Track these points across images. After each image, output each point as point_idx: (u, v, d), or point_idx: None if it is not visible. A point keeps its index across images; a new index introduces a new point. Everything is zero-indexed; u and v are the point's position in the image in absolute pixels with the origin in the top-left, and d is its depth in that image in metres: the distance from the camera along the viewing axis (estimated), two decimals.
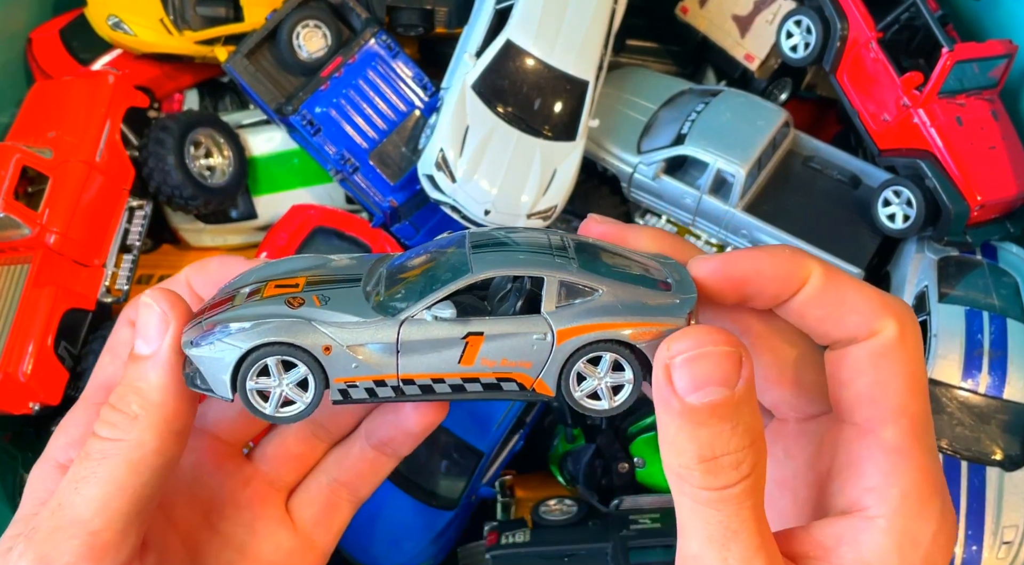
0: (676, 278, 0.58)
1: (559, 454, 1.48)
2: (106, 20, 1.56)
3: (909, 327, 0.55)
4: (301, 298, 0.57)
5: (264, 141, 1.65)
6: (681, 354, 0.51)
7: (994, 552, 1.22)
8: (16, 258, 1.41)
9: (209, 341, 0.56)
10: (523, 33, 1.42)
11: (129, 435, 0.56)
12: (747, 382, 0.51)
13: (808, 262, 0.56)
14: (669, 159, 1.52)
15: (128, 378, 0.58)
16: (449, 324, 0.55)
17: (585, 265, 0.56)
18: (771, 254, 0.56)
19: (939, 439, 1.29)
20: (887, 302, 0.55)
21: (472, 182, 1.40)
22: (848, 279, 0.56)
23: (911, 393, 0.54)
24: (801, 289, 0.55)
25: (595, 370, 0.56)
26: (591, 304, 0.55)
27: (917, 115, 1.41)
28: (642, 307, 0.55)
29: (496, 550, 1.34)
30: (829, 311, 0.55)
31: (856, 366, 0.55)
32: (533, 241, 0.58)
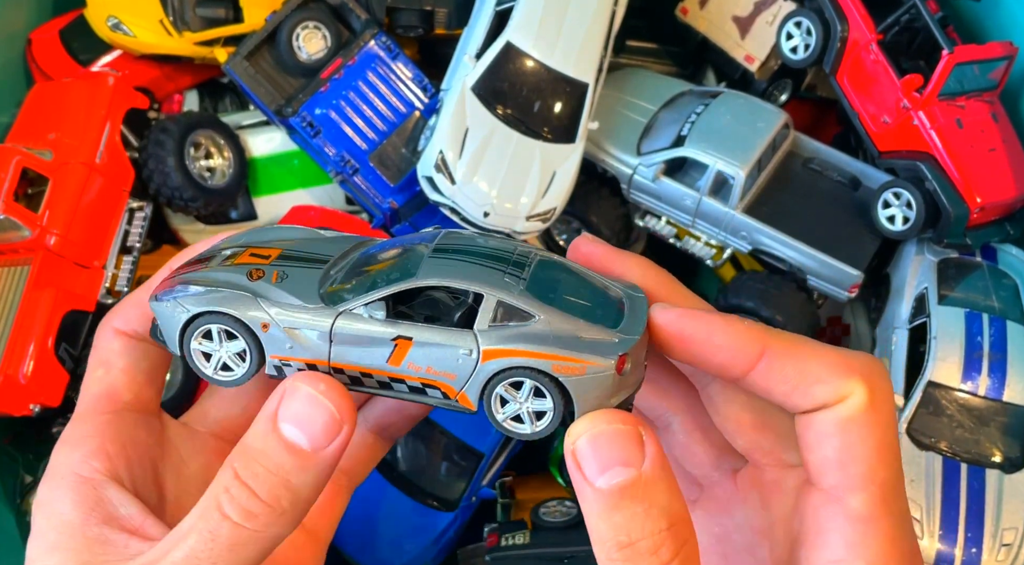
0: (633, 315, 0.56)
1: (559, 455, 1.48)
2: (106, 21, 1.56)
3: (878, 390, 0.53)
4: (262, 271, 0.60)
5: (264, 142, 1.65)
6: (581, 437, 0.50)
7: (993, 554, 1.22)
8: (16, 260, 1.41)
9: (169, 298, 0.59)
10: (523, 35, 1.41)
11: (270, 529, 0.53)
12: (654, 461, 0.50)
13: (762, 337, 0.54)
14: (669, 161, 1.52)
15: (275, 465, 0.53)
16: (382, 324, 0.56)
17: (533, 287, 0.55)
18: (726, 324, 0.54)
19: (939, 441, 1.30)
20: (852, 365, 0.53)
21: (471, 184, 1.40)
22: (808, 348, 0.54)
23: (880, 459, 0.53)
24: (756, 365, 0.54)
25: (517, 394, 0.56)
26: (523, 329, 0.54)
27: (917, 117, 1.41)
28: (574, 340, 0.54)
29: (496, 552, 1.34)
30: (793, 385, 0.53)
31: (823, 431, 0.53)
32: (495, 254, 0.57)
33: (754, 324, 0.55)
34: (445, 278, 0.55)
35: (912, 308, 1.43)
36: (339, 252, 0.62)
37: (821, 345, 0.55)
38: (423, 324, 0.56)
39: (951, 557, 1.22)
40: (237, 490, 0.53)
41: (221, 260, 0.62)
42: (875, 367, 0.54)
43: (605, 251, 0.61)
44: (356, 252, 0.62)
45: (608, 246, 0.62)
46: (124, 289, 1.48)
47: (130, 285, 1.49)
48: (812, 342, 0.55)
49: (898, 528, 0.53)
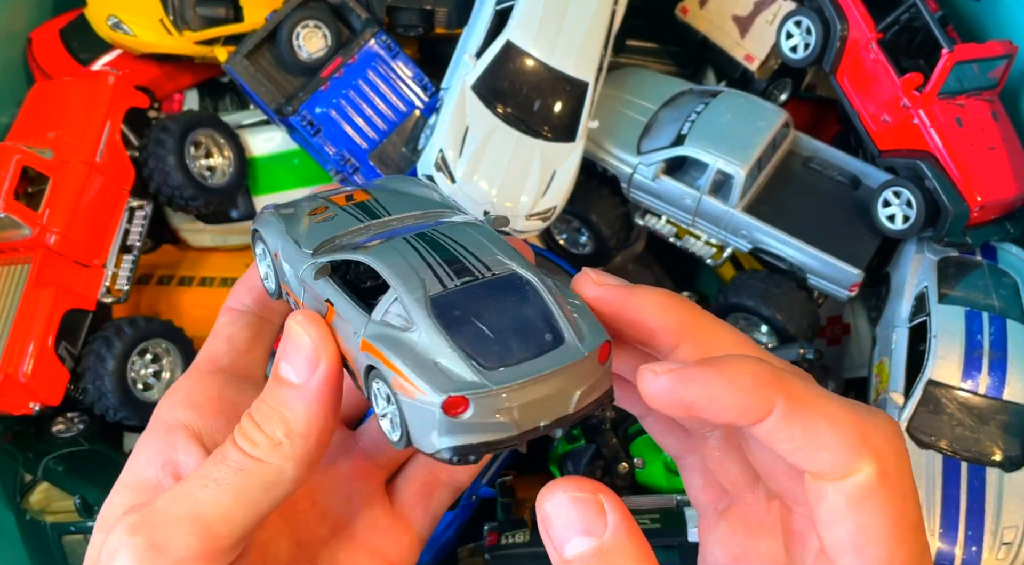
0: (538, 364, 0.51)
1: (559, 454, 1.48)
2: (106, 20, 1.56)
3: (892, 463, 0.49)
4: (324, 208, 0.65)
5: (264, 141, 1.65)
6: (544, 504, 0.49)
7: (994, 553, 1.22)
8: (16, 258, 1.41)
9: (262, 212, 0.67)
10: (523, 34, 1.42)
11: (271, 459, 0.57)
12: (616, 529, 0.48)
13: (772, 391, 0.50)
14: (669, 160, 1.52)
15: (272, 400, 0.58)
16: (322, 282, 0.58)
17: (446, 299, 0.52)
18: (731, 380, 0.50)
19: (939, 439, 1.30)
20: (865, 435, 0.49)
21: (471, 183, 1.40)
22: (820, 408, 0.50)
23: (899, 539, 0.49)
24: (763, 420, 0.50)
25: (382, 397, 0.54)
26: (397, 333, 0.52)
27: (917, 116, 1.41)
28: (426, 363, 0.50)
29: (496, 550, 1.34)
30: (798, 445, 0.50)
31: (835, 510, 0.50)
32: (456, 253, 0.55)
33: (762, 370, 0.50)
34: (373, 259, 0.56)
35: (912, 307, 1.43)
36: (407, 213, 0.64)
37: (836, 403, 0.50)
38: (344, 295, 0.57)
39: (951, 556, 1.22)
40: (246, 423, 0.58)
41: (334, 195, 0.67)
42: (890, 438, 0.50)
43: (615, 294, 0.57)
44: (404, 218, 0.64)
45: (617, 286, 0.57)
46: (124, 288, 1.48)
47: (130, 284, 1.49)
48: (827, 399, 0.51)
49: None
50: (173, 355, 1.47)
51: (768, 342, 1.57)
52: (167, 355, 1.47)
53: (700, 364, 0.51)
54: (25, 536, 1.40)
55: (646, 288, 0.57)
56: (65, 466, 1.37)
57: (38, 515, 1.36)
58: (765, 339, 1.57)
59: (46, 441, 1.44)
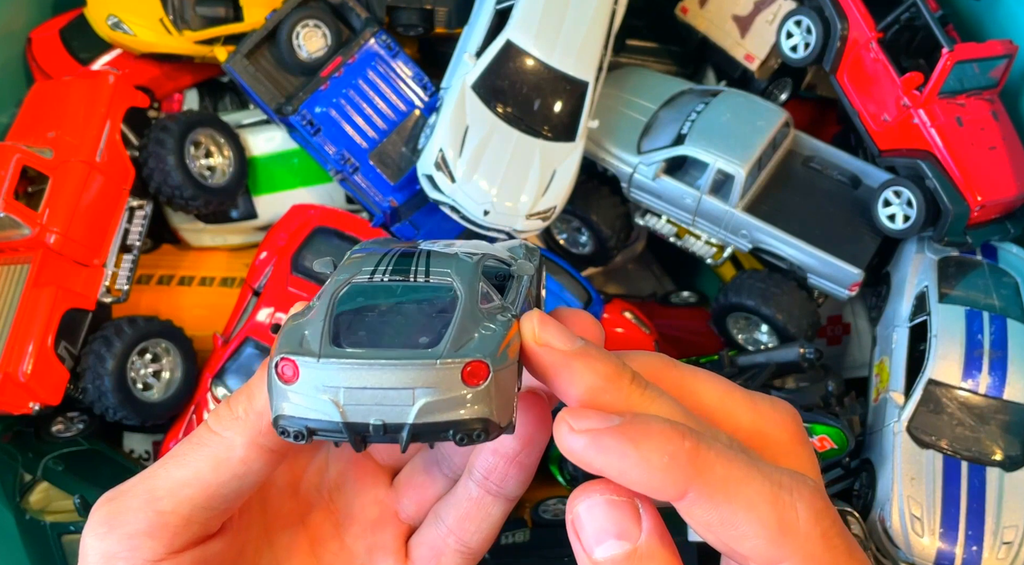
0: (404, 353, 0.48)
1: (559, 454, 1.48)
2: (106, 20, 1.56)
3: (818, 545, 0.47)
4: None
5: (264, 141, 1.65)
6: (576, 506, 0.49)
7: (994, 552, 1.22)
8: (16, 258, 1.41)
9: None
10: (523, 33, 1.41)
11: (225, 432, 0.57)
12: (652, 534, 0.48)
13: (686, 476, 0.47)
14: (669, 159, 1.52)
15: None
16: None
17: (357, 287, 0.53)
18: (644, 457, 0.47)
19: (939, 439, 1.30)
20: (785, 523, 0.47)
21: (471, 182, 1.40)
22: (737, 495, 0.47)
23: None
24: (677, 501, 0.48)
25: None
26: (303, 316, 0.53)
27: (917, 115, 1.41)
28: (292, 335, 0.51)
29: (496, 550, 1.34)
30: (716, 533, 0.48)
31: None
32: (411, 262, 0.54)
33: (680, 449, 0.47)
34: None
35: (912, 306, 1.43)
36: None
37: (755, 485, 0.47)
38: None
39: (952, 555, 1.22)
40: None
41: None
42: (814, 514, 0.47)
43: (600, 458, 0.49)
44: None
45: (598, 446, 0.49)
46: (124, 288, 1.48)
47: (130, 284, 1.49)
48: (745, 482, 0.47)
49: None
50: (173, 355, 1.47)
51: (768, 342, 1.57)
52: (167, 355, 1.47)
53: (618, 431, 0.48)
54: (25, 536, 1.39)
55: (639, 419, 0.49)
56: (65, 466, 1.37)
57: (38, 515, 1.36)
58: (765, 339, 1.57)
59: (46, 441, 1.44)
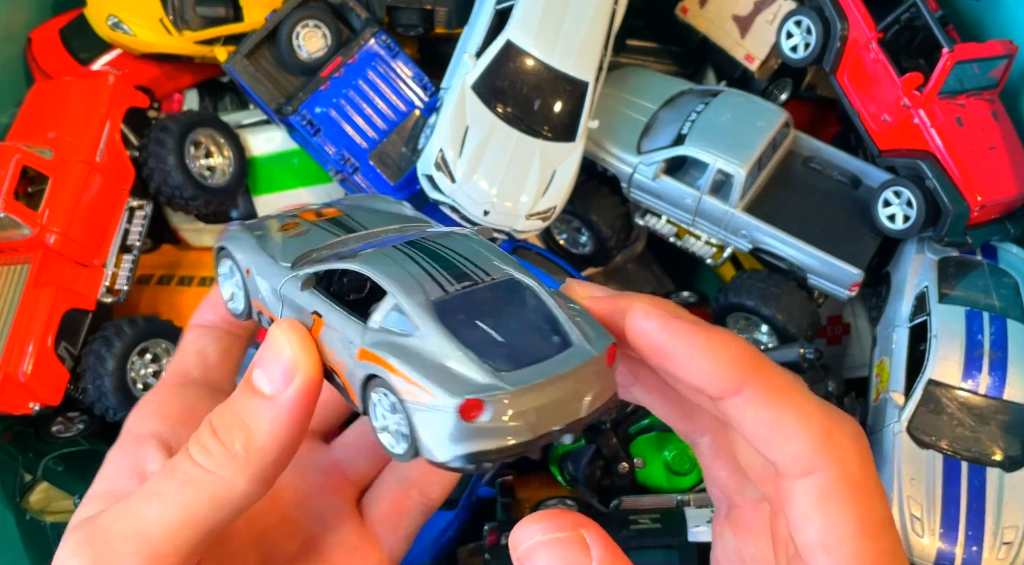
0: (551, 365, 0.50)
1: (559, 454, 1.48)
2: (106, 20, 1.56)
3: (855, 462, 0.50)
4: (296, 223, 0.64)
5: (264, 141, 1.65)
6: (523, 544, 0.48)
7: (994, 553, 1.22)
8: (16, 258, 1.41)
9: (226, 230, 0.66)
10: (523, 33, 1.41)
11: (223, 472, 0.54)
12: (602, 562, 0.47)
13: (746, 371, 0.50)
14: (669, 159, 1.52)
15: (238, 408, 0.55)
16: (307, 294, 0.56)
17: (447, 304, 0.51)
18: (712, 348, 0.50)
19: (939, 439, 1.30)
20: (830, 433, 0.50)
21: (471, 182, 1.40)
22: (790, 400, 0.50)
23: (868, 536, 0.49)
24: (731, 398, 0.51)
25: (385, 407, 0.52)
26: (400, 339, 0.51)
27: (917, 115, 1.41)
28: (436, 367, 0.49)
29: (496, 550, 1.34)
30: (766, 431, 0.50)
31: (803, 511, 0.50)
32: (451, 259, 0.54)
33: (744, 353, 0.51)
34: (365, 266, 0.53)
35: (912, 306, 1.43)
36: (382, 227, 0.63)
37: (805, 398, 0.51)
38: (333, 305, 0.55)
39: (952, 556, 1.22)
40: (203, 431, 0.56)
41: (307, 210, 0.67)
42: (854, 436, 0.51)
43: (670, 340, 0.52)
44: (384, 231, 0.62)
45: (672, 329, 0.52)
46: (124, 288, 1.48)
47: (130, 284, 1.49)
48: (799, 394, 0.51)
49: None
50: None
51: (768, 342, 1.57)
52: (167, 355, 1.47)
53: (691, 323, 0.51)
54: (25, 536, 1.40)
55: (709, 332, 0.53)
56: (65, 466, 1.38)
57: (38, 515, 1.36)
58: (765, 339, 1.57)
59: (46, 441, 1.44)
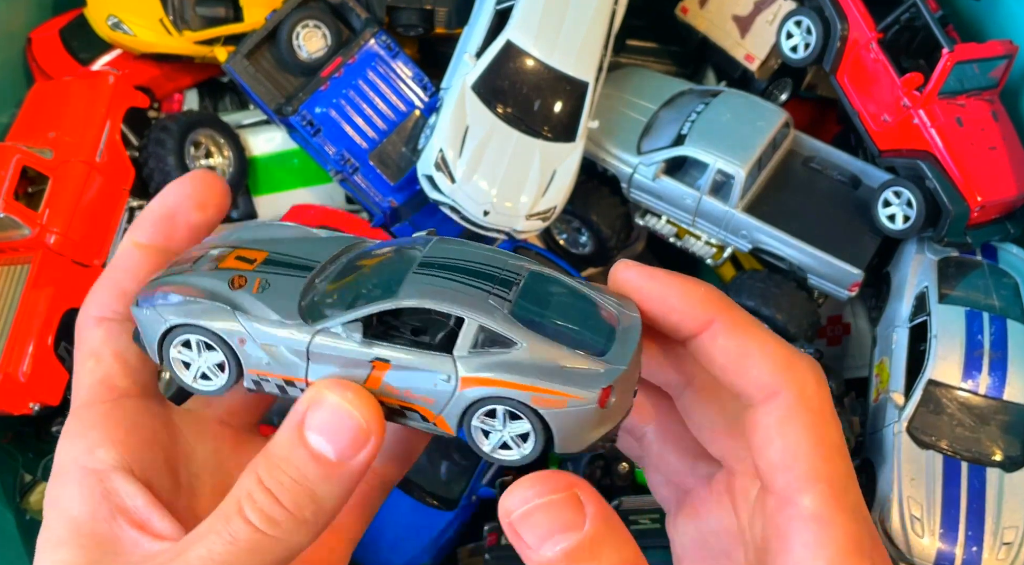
0: (624, 340, 0.55)
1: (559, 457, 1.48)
2: (106, 20, 1.56)
3: (811, 386, 0.54)
4: (245, 278, 0.58)
5: (264, 141, 1.65)
6: (516, 511, 0.49)
7: (994, 553, 1.22)
8: (16, 258, 1.41)
9: (150, 305, 0.58)
10: (523, 34, 1.41)
11: (292, 537, 0.52)
12: (596, 518, 0.49)
13: (716, 307, 0.55)
14: (669, 159, 1.52)
15: (300, 474, 0.52)
16: (359, 344, 0.54)
17: (518, 310, 0.53)
18: (684, 289, 0.56)
19: (939, 440, 1.30)
20: (790, 361, 0.54)
21: (471, 183, 1.40)
22: (754, 333, 0.55)
23: (822, 457, 0.53)
24: (703, 331, 0.55)
25: (494, 422, 0.54)
26: (505, 357, 0.53)
27: (917, 116, 1.41)
28: (555, 370, 0.52)
29: (496, 550, 1.34)
30: (731, 360, 0.55)
31: (765, 434, 0.54)
32: (482, 270, 0.55)
33: (714, 293, 0.56)
34: (426, 299, 0.53)
35: (912, 307, 1.43)
36: (328, 256, 0.60)
37: (770, 334, 0.56)
38: (402, 346, 0.54)
39: (952, 556, 1.22)
40: (260, 496, 0.52)
41: (208, 262, 0.60)
42: (811, 365, 0.56)
43: (648, 283, 0.58)
44: (344, 257, 0.60)
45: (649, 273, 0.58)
46: None
47: None
48: (763, 329, 0.56)
49: (854, 522, 0.53)
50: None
51: None
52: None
53: (664, 271, 0.57)
54: (25, 536, 1.40)
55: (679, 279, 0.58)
56: None
57: (38, 515, 1.36)
58: None
59: (46, 441, 1.44)
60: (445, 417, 0.55)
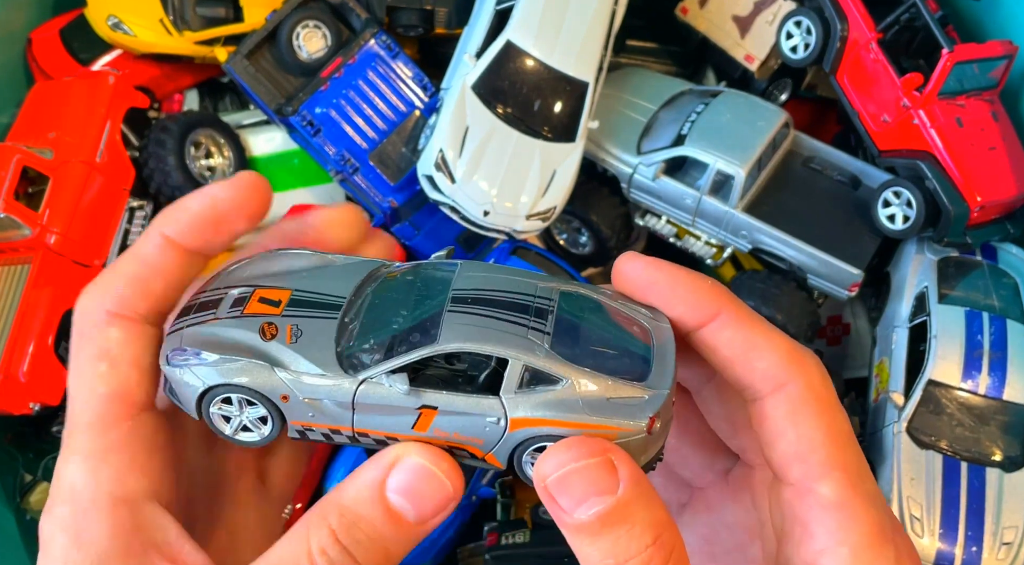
0: (662, 360, 0.55)
1: None
2: (106, 20, 1.56)
3: (817, 377, 0.55)
4: (275, 327, 0.57)
5: (264, 141, 1.65)
6: (552, 475, 0.50)
7: (994, 553, 1.22)
8: (16, 258, 1.41)
9: (182, 364, 0.56)
10: (523, 34, 1.42)
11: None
12: (629, 482, 0.50)
13: (722, 300, 0.56)
14: (669, 160, 1.52)
15: (377, 533, 0.53)
16: (405, 393, 0.55)
17: (558, 344, 0.54)
18: (690, 281, 0.56)
19: (939, 440, 1.30)
20: (794, 353, 0.55)
21: (471, 183, 1.40)
22: (758, 326, 0.56)
23: (836, 445, 0.53)
24: (708, 323, 0.56)
25: None
26: (551, 394, 0.53)
27: (917, 116, 1.41)
28: (603, 404, 0.53)
29: (496, 550, 1.34)
30: (737, 353, 0.55)
31: (776, 425, 0.54)
32: (516, 300, 0.56)
33: (719, 287, 0.57)
34: (468, 342, 0.54)
35: (912, 307, 1.43)
36: (351, 289, 0.60)
37: (773, 328, 0.57)
38: (448, 392, 0.55)
39: (951, 556, 1.22)
40: (335, 552, 0.52)
41: (229, 306, 0.59)
42: (814, 357, 0.56)
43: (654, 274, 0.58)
44: (368, 289, 0.60)
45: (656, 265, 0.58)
46: None
47: None
48: (766, 323, 0.56)
49: (873, 508, 0.53)
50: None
51: None
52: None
53: (668, 263, 0.58)
54: (25, 536, 1.40)
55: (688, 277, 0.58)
56: None
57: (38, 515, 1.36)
58: None
59: (46, 441, 1.44)
60: (495, 455, 0.56)
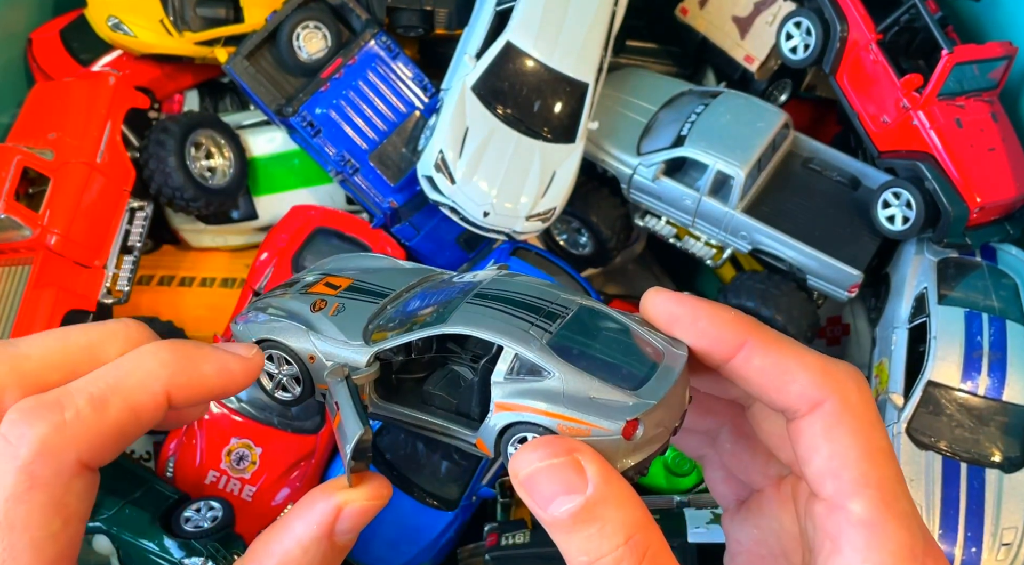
0: (663, 376, 0.56)
1: None
2: (106, 21, 1.56)
3: (854, 393, 0.55)
4: (325, 302, 0.64)
5: (265, 142, 1.65)
6: (521, 472, 0.51)
7: (993, 554, 1.22)
8: (17, 259, 1.41)
9: (244, 322, 0.64)
10: (523, 35, 1.42)
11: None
12: (599, 482, 0.50)
13: (745, 329, 0.56)
14: (669, 160, 1.52)
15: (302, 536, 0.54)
16: None
17: (557, 342, 0.56)
18: (713, 312, 0.57)
19: (939, 440, 1.30)
20: (828, 370, 0.55)
21: (471, 184, 1.40)
22: (789, 348, 0.56)
23: (871, 461, 0.53)
24: (735, 355, 0.56)
25: None
26: (536, 384, 0.55)
27: (917, 117, 1.41)
28: (584, 401, 0.54)
29: (496, 551, 1.34)
30: (770, 379, 0.55)
31: (811, 442, 0.54)
32: (532, 303, 0.58)
33: (743, 317, 0.57)
34: (470, 327, 0.57)
35: (912, 308, 1.43)
36: (405, 285, 0.65)
37: (803, 348, 0.56)
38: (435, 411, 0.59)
39: (951, 556, 1.23)
40: None
41: (300, 286, 0.66)
42: (852, 374, 0.56)
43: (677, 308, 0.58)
44: (419, 286, 0.65)
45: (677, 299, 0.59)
46: (125, 289, 1.48)
47: (130, 285, 1.49)
48: (796, 344, 0.56)
49: (905, 528, 0.53)
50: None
51: None
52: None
53: (691, 296, 0.58)
54: None
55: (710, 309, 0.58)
56: None
57: None
58: None
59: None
60: (483, 440, 0.58)
